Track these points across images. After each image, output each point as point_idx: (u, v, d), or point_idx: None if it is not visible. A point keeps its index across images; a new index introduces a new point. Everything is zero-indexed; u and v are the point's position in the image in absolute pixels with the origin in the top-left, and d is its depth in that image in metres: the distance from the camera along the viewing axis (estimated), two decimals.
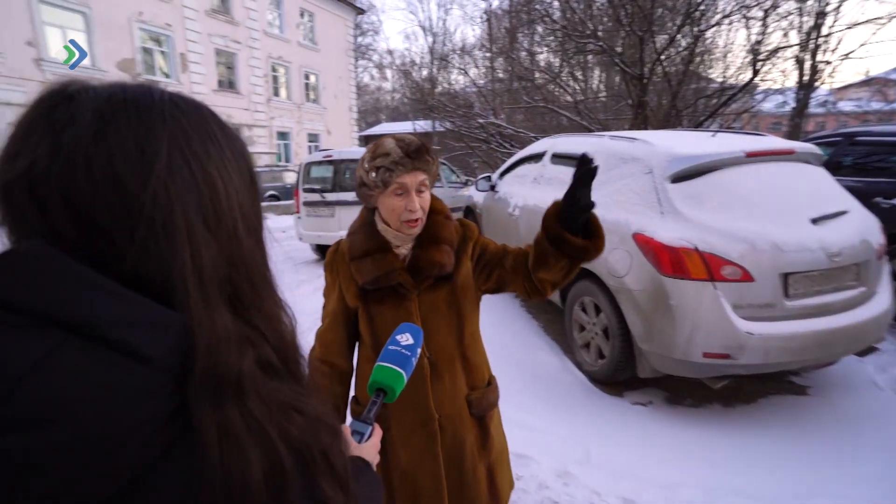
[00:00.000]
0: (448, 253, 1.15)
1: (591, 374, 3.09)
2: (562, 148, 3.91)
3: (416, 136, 1.12)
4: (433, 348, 1.15)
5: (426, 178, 1.12)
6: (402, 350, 0.92)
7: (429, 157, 1.10)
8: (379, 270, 1.13)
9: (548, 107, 8.27)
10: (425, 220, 1.16)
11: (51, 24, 13.53)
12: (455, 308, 1.18)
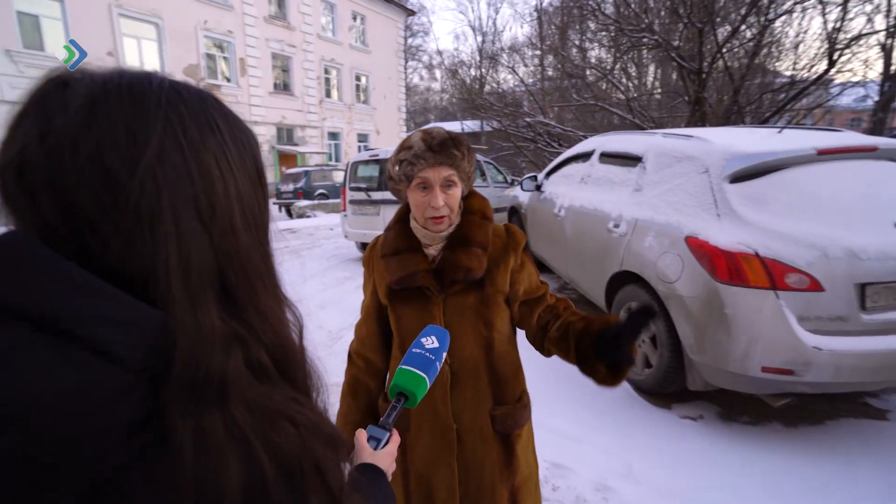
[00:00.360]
0: (478, 257, 1.07)
1: (636, 384, 2.94)
2: (611, 146, 3.75)
3: (448, 130, 1.07)
4: (456, 355, 1.09)
5: (453, 174, 1.05)
6: (426, 354, 0.88)
7: (456, 151, 1.04)
8: (404, 270, 1.09)
9: (598, 104, 8.00)
10: (457, 218, 1.10)
11: (128, 35, 14.64)
12: (483, 316, 1.10)
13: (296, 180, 14.28)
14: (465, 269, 1.06)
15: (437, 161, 1.03)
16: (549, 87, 11.43)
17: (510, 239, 1.14)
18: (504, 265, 1.10)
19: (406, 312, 1.13)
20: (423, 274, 1.08)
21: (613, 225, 3.16)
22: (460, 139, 1.06)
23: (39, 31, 12.89)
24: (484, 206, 1.15)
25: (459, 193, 1.08)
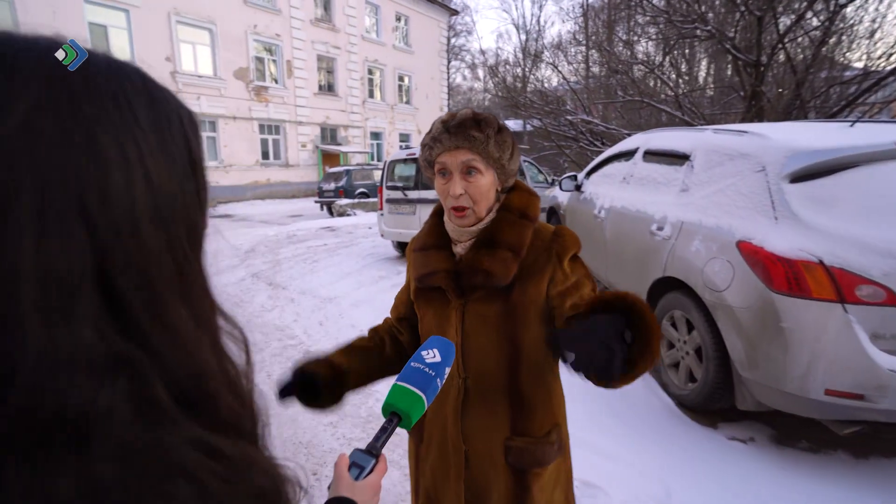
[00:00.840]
0: (504, 261, 0.92)
1: (678, 398, 2.73)
2: (656, 144, 3.52)
3: (475, 110, 0.95)
4: (472, 369, 0.98)
5: (473, 158, 0.92)
6: (425, 369, 0.79)
7: (476, 133, 0.91)
8: (425, 268, 1.00)
9: (644, 101, 7.63)
10: (490, 214, 0.97)
11: (184, 41, 15.40)
12: (506, 330, 0.95)
13: (337, 179, 14.54)
14: (484, 273, 0.93)
15: (453, 143, 0.92)
16: (593, 85, 11.06)
17: (556, 243, 0.95)
18: (541, 274, 0.94)
19: (427, 314, 1.04)
20: (443, 274, 0.98)
21: (657, 227, 2.95)
22: (486, 119, 0.93)
23: (107, 40, 13.76)
24: (527, 203, 0.99)
25: (486, 183, 0.94)
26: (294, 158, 19.25)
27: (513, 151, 0.97)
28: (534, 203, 1.01)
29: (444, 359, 0.81)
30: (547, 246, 0.95)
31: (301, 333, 4.19)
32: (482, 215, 0.96)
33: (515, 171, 1.00)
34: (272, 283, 5.91)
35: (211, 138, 16.61)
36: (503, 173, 0.97)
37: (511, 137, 0.97)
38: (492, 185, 0.95)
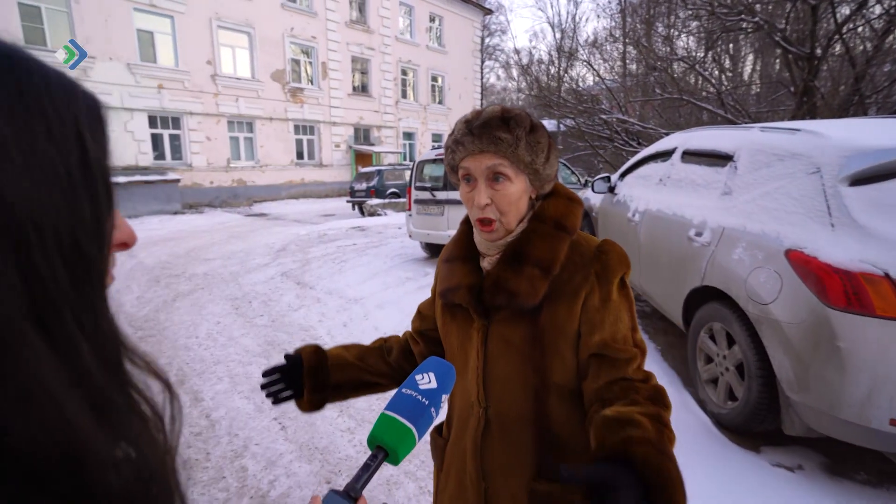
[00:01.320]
0: (532, 279, 0.81)
1: (716, 417, 2.53)
2: (696, 143, 3.30)
3: (504, 107, 0.83)
4: (494, 398, 0.87)
5: (500, 163, 0.80)
6: (417, 396, 0.69)
7: (503, 134, 0.79)
8: (449, 282, 0.91)
9: (684, 98, 7.28)
10: (515, 223, 0.85)
11: (224, 45, 15.88)
12: (532, 359, 0.83)
13: (369, 179, 14.66)
14: (507, 294, 0.81)
15: (477, 147, 0.81)
16: (629, 83, 10.68)
17: (598, 262, 0.82)
18: (575, 296, 0.81)
19: (451, 331, 0.94)
20: (465, 291, 0.87)
21: (695, 233, 2.76)
22: (516, 117, 0.81)
23: (153, 46, 14.35)
24: (565, 211, 0.86)
25: (515, 190, 0.82)
26: (328, 158, 19.57)
27: (549, 154, 0.84)
28: (573, 211, 0.87)
29: (441, 384, 0.72)
30: (587, 263, 0.82)
31: (325, 334, 4.18)
32: (512, 227, 0.84)
33: (553, 175, 0.87)
34: (300, 283, 5.96)
35: (248, 139, 17.08)
36: (537, 179, 0.85)
37: (546, 137, 0.84)
38: (523, 192, 0.84)
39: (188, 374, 3.43)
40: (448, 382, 0.72)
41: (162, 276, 6.48)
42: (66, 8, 12.58)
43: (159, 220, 12.76)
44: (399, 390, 0.70)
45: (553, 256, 0.82)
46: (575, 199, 0.90)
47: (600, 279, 0.81)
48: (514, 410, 0.85)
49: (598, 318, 0.81)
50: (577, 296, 0.81)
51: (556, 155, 0.87)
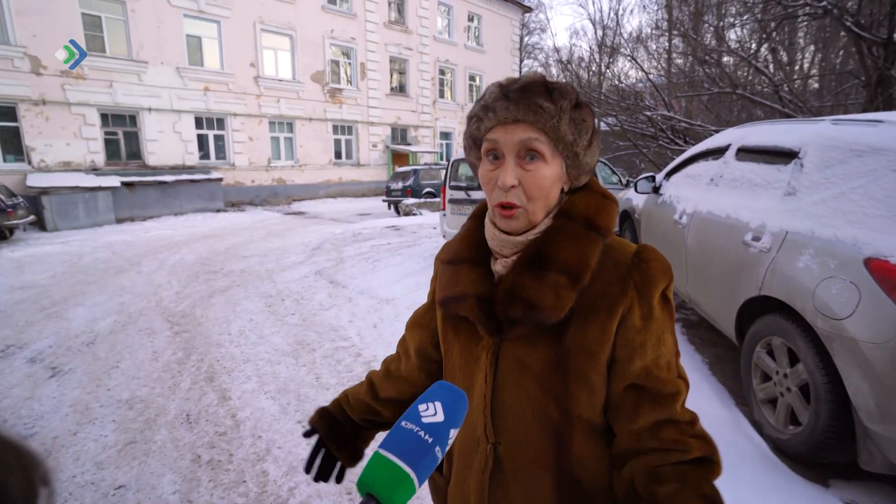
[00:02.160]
0: (556, 287, 0.65)
1: (775, 442, 2.28)
2: (754, 139, 3.02)
3: (543, 74, 0.69)
4: (505, 433, 0.71)
5: (538, 138, 0.66)
6: (419, 432, 0.56)
7: (546, 103, 0.64)
8: (451, 289, 0.74)
9: (736, 93, 6.82)
10: (542, 216, 0.70)
11: (267, 48, 16.32)
12: (552, 388, 0.67)
13: (405, 178, 14.68)
14: (524, 304, 0.66)
15: (511, 115, 0.66)
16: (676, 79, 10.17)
17: (637, 272, 0.67)
18: (610, 312, 0.66)
19: (453, 348, 0.78)
20: (472, 301, 0.71)
21: (752, 237, 2.50)
22: (562, 88, 0.67)
23: (201, 50, 14.91)
24: (598, 208, 0.71)
25: (549, 174, 0.67)
26: (365, 158, 19.78)
27: (591, 138, 0.70)
28: (608, 209, 0.72)
29: (450, 417, 0.58)
30: (623, 273, 0.67)
31: (354, 335, 4.12)
32: (537, 219, 0.69)
33: (592, 166, 0.73)
34: (333, 281, 5.97)
35: (288, 139, 17.48)
36: (576, 166, 0.70)
37: (592, 118, 0.70)
38: (557, 179, 0.69)
39: (218, 371, 3.44)
40: (458, 414, 0.59)
41: (201, 272, 6.65)
42: (123, 16, 13.23)
43: (203, 217, 13.22)
44: (398, 423, 0.57)
45: (583, 261, 0.67)
46: (610, 197, 0.74)
47: (641, 293, 0.66)
48: (530, 450, 0.70)
49: (640, 340, 0.66)
50: (613, 312, 0.66)
51: (598, 142, 0.72)
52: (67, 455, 2.49)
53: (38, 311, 5.03)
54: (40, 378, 3.43)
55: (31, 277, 6.57)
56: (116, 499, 2.14)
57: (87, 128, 12.85)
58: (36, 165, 12.15)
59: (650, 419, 0.65)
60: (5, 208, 9.32)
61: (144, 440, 2.59)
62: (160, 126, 14.18)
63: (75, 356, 3.80)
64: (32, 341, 4.15)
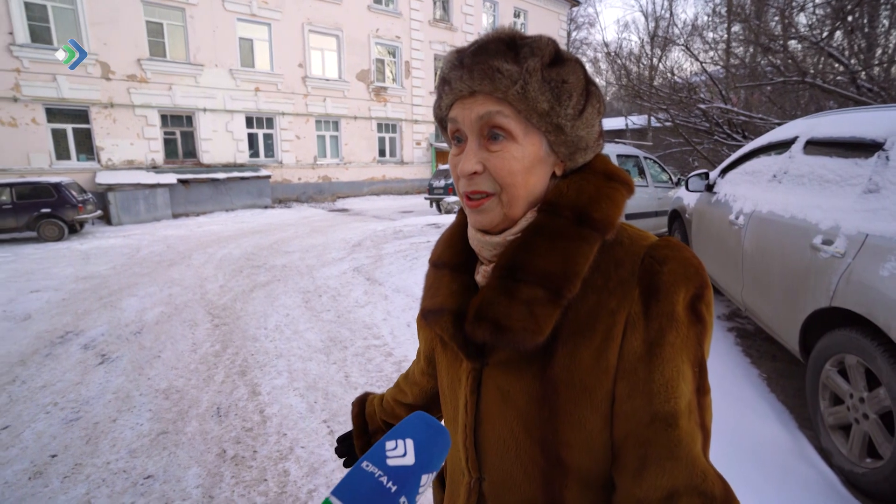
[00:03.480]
0: (531, 304, 0.51)
1: (848, 476, 2.00)
2: (826, 131, 2.69)
3: (511, 31, 0.54)
4: (490, 469, 0.60)
5: (500, 111, 0.52)
6: (380, 478, 0.45)
7: (507, 65, 0.50)
8: (431, 300, 0.62)
9: (805, 82, 6.23)
10: (523, 209, 0.55)
11: (315, 48, 16.73)
12: (542, 428, 0.54)
13: (447, 176, 14.61)
14: (491, 325, 0.52)
15: (466, 85, 0.53)
16: (734, 70, 9.49)
17: (644, 274, 0.50)
18: (607, 332, 0.51)
19: (441, 363, 0.67)
20: (447, 319, 0.58)
21: (822, 241, 2.21)
22: (531, 43, 0.52)
23: (252, 52, 15.48)
24: (592, 195, 0.54)
25: (522, 156, 0.53)
26: (409, 156, 19.90)
27: (584, 103, 0.53)
28: (611, 196, 0.55)
29: (422, 460, 0.46)
30: (625, 278, 0.51)
31: (387, 334, 4.07)
32: (515, 213, 0.55)
33: (592, 140, 0.56)
34: (370, 279, 5.97)
35: (334, 137, 17.86)
36: (563, 142, 0.54)
37: (581, 77, 0.54)
38: (535, 161, 0.54)
39: (251, 365, 3.48)
40: (434, 456, 0.47)
41: (245, 266, 6.85)
42: (182, 22, 13.94)
43: (251, 213, 13.73)
44: (357, 464, 0.46)
45: (567, 270, 0.51)
46: (618, 177, 0.57)
47: (647, 306, 0.49)
48: (517, 494, 0.57)
49: (643, 373, 0.49)
50: (611, 333, 0.50)
51: (597, 108, 0.55)
52: (105, 441, 2.57)
53: (97, 300, 5.33)
54: (90, 364, 3.60)
55: (94, 268, 7.00)
56: (144, 488, 2.17)
57: (148, 128, 13.64)
58: (104, 164, 13.03)
59: (661, 486, 0.47)
60: (76, 203, 10.02)
61: (176, 431, 2.64)
62: (214, 125, 14.84)
63: (123, 344, 3.97)
64: (88, 328, 4.38)
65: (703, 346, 0.51)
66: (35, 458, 2.44)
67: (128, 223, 11.98)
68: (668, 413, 0.48)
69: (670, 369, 0.49)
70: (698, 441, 0.49)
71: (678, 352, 0.49)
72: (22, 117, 11.87)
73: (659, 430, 0.48)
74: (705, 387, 0.51)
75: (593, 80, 0.55)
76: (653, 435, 0.48)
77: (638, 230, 0.56)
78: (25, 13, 11.65)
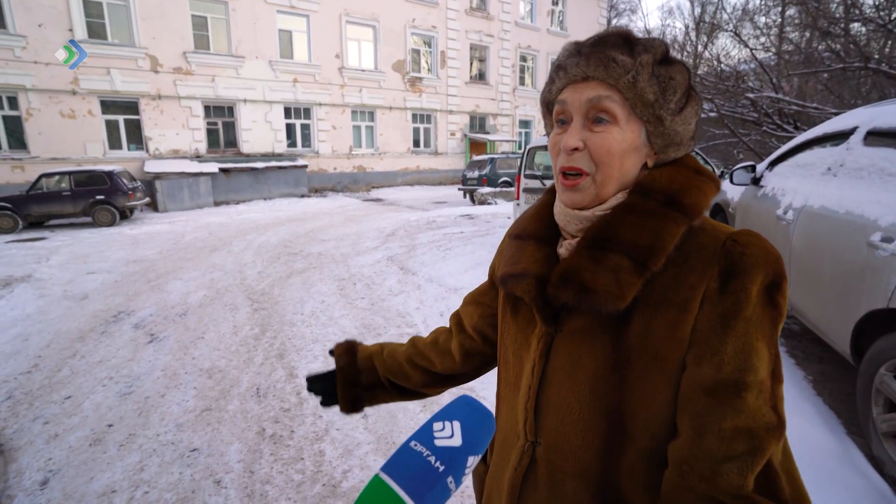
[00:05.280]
0: (617, 272, 0.54)
1: None
2: (891, 120, 2.52)
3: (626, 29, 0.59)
4: (547, 434, 0.61)
5: (609, 96, 0.56)
6: (428, 457, 0.47)
7: (621, 56, 0.56)
8: (513, 266, 0.66)
9: (868, 67, 5.82)
10: (613, 188, 0.59)
11: (351, 39, 16.90)
12: (610, 394, 0.56)
13: (481, 167, 14.55)
14: (577, 287, 0.55)
15: (581, 70, 0.58)
16: (788, 55, 8.96)
17: (726, 256, 0.53)
18: (686, 306, 0.53)
19: (507, 330, 0.70)
20: (531, 282, 0.62)
21: (881, 238, 2.09)
22: (646, 42, 0.58)
23: (291, 43, 15.79)
24: (685, 184, 0.58)
25: (622, 139, 0.57)
26: (443, 146, 19.90)
27: (685, 102, 0.58)
28: (700, 187, 0.58)
29: (469, 442, 0.48)
30: (707, 258, 0.53)
31: (420, 323, 4.13)
32: (606, 193, 0.58)
33: (687, 138, 0.60)
34: (403, 268, 6.04)
35: (369, 127, 18.05)
36: (660, 134, 0.58)
37: (685, 78, 0.58)
38: (633, 147, 0.58)
39: (288, 349, 3.60)
40: (481, 438, 0.49)
41: (283, 253, 7.06)
42: (225, 16, 14.35)
43: (288, 202, 14.10)
44: (406, 443, 0.48)
45: (655, 244, 0.54)
46: (704, 173, 0.60)
47: (725, 283, 0.52)
48: (572, 460, 0.59)
49: (714, 341, 0.51)
50: (688, 307, 0.53)
51: (695, 110, 0.60)
52: (155, 415, 2.73)
53: (145, 282, 5.63)
54: (141, 342, 3.81)
55: (142, 253, 7.38)
56: (190, 460, 2.30)
57: (192, 119, 14.17)
58: (152, 153, 13.65)
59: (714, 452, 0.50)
60: (127, 191, 10.57)
61: (218, 408, 2.77)
62: (254, 116, 15.27)
63: (170, 325, 4.18)
64: (138, 309, 4.64)
65: (776, 332, 0.52)
66: (94, 426, 2.62)
67: (173, 210, 12.53)
68: (734, 381, 0.50)
69: (742, 342, 0.51)
70: (772, 422, 0.50)
71: (753, 327, 0.51)
72: (79, 109, 12.57)
73: (722, 397, 0.50)
74: (779, 374, 0.52)
75: (694, 87, 0.60)
76: (714, 403, 0.51)
77: (714, 222, 0.59)
78: (84, 11, 12.27)
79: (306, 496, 2.04)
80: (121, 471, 2.24)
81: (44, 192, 10.16)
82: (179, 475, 2.20)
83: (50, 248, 8.09)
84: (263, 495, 2.05)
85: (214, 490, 2.10)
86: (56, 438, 2.52)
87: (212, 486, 2.12)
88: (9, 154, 12.05)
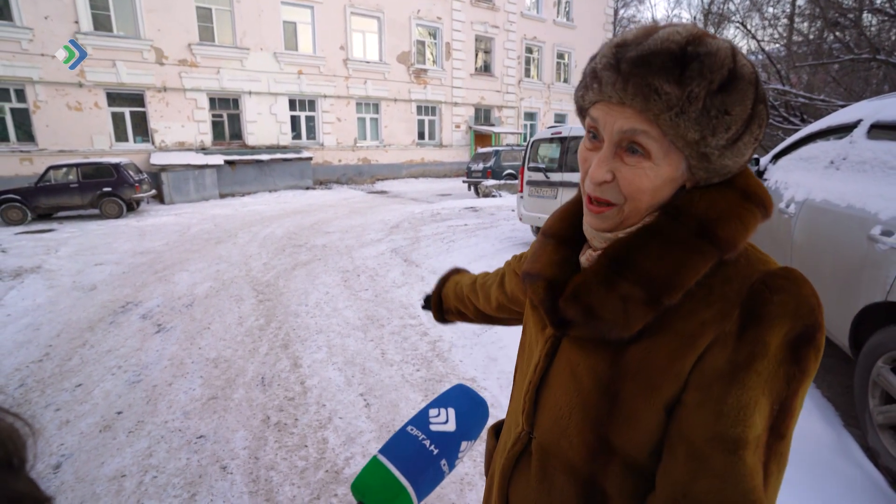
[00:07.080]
0: (627, 301, 0.52)
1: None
2: (894, 112, 2.51)
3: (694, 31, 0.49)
4: (540, 428, 0.63)
5: (645, 131, 0.49)
6: (424, 441, 0.50)
7: (668, 86, 0.46)
8: (532, 264, 0.65)
9: (877, 59, 5.75)
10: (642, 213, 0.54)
11: (356, 30, 16.83)
12: (599, 411, 0.56)
13: (486, 160, 14.52)
14: (584, 309, 0.55)
15: (616, 94, 0.50)
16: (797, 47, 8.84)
17: (752, 296, 0.48)
18: (692, 340, 0.50)
19: (528, 320, 0.72)
20: (542, 285, 0.62)
21: (882, 231, 2.09)
22: (704, 57, 0.47)
23: (295, 35, 15.75)
24: (724, 210, 0.52)
25: (656, 176, 0.51)
26: (448, 139, 19.85)
27: (743, 132, 0.49)
28: (742, 216, 0.51)
29: (462, 428, 0.51)
30: (731, 295, 0.49)
31: (423, 314, 4.16)
32: (633, 218, 0.55)
33: (734, 169, 0.52)
34: (407, 260, 6.08)
35: (374, 119, 18.03)
36: (704, 167, 0.51)
37: (748, 104, 0.48)
38: (669, 180, 0.52)
39: (293, 339, 3.65)
40: (474, 425, 0.52)
41: (288, 245, 7.12)
42: (229, 7, 14.32)
43: (293, 194, 14.14)
44: (404, 427, 0.51)
45: (672, 278, 0.50)
46: (755, 198, 0.53)
47: (744, 329, 0.47)
48: (562, 456, 0.60)
49: (717, 390, 0.47)
50: (694, 342, 0.49)
51: (755, 136, 0.50)
52: (163, 403, 2.79)
53: (152, 273, 5.70)
54: (148, 332, 3.88)
55: (149, 244, 7.46)
56: (197, 447, 2.36)
57: (197, 111, 14.21)
58: (158, 145, 13.71)
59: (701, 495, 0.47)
60: (134, 183, 10.65)
61: (224, 397, 2.83)
62: (258, 108, 15.28)
63: (176, 315, 4.25)
64: (146, 300, 4.71)
65: (791, 388, 0.47)
66: (104, 413, 2.69)
67: (179, 202, 12.62)
68: (731, 438, 0.47)
69: (747, 397, 0.47)
70: (758, 480, 0.47)
71: (762, 383, 0.47)
72: (86, 101, 12.64)
73: (717, 451, 0.47)
74: (783, 431, 0.48)
75: (764, 98, 0.50)
76: (710, 453, 0.47)
77: (761, 254, 0.54)
78: (89, 3, 12.29)
79: (309, 482, 2.09)
80: (130, 456, 2.30)
81: (52, 185, 10.25)
82: (187, 461, 2.26)
83: (58, 239, 8.19)
84: (268, 481, 2.11)
85: (221, 475, 2.15)
86: (67, 424, 2.59)
87: (218, 472, 2.18)
88: (17, 146, 12.15)
